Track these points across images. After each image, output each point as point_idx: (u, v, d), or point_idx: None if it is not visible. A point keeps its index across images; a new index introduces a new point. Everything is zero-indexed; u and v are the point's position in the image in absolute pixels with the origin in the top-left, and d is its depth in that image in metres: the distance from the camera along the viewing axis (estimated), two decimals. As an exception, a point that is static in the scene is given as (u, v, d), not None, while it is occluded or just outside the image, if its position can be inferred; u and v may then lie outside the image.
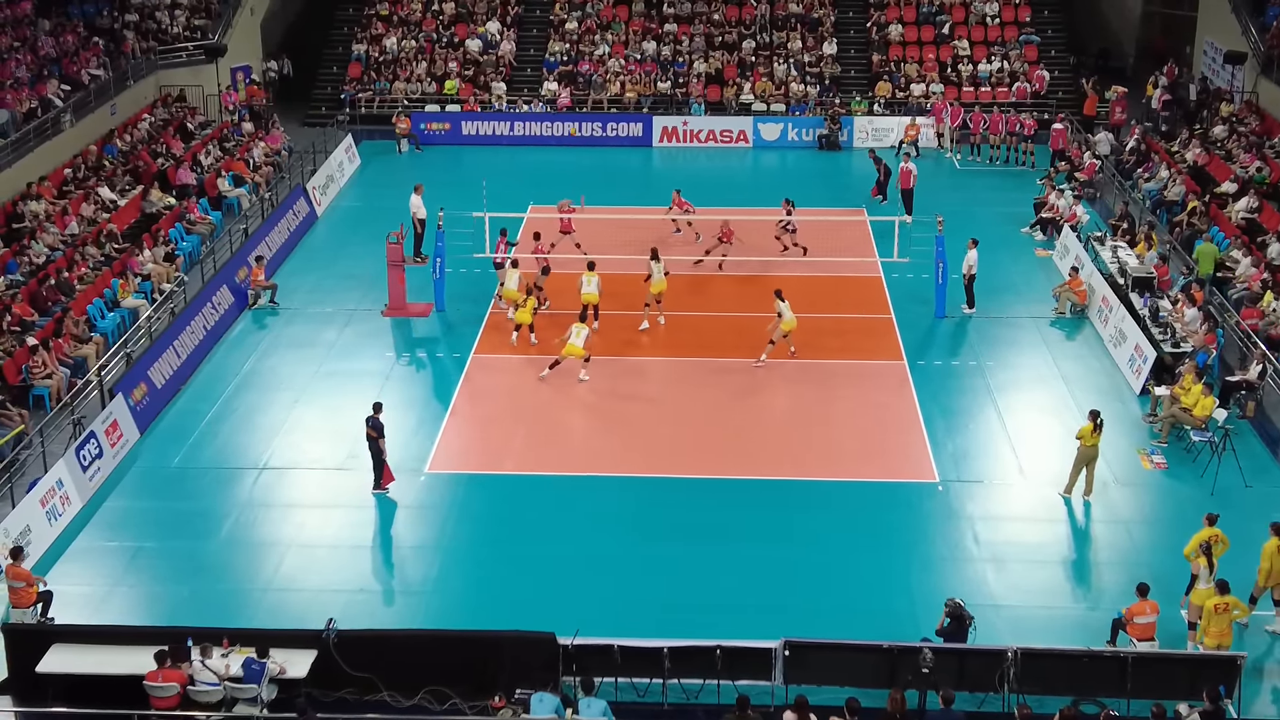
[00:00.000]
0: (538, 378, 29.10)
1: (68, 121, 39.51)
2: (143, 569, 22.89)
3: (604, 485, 25.33)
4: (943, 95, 48.70)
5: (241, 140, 44.42)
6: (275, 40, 53.70)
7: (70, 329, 29.61)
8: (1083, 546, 23.70)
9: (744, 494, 24.98)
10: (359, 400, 26.97)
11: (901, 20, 51.84)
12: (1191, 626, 20.18)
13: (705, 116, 48.43)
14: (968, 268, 32.42)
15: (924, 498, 24.86)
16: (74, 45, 43.46)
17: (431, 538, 23.81)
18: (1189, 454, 25.96)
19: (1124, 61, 55.15)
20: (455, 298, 33.38)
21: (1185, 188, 38.42)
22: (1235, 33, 45.13)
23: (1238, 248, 33.16)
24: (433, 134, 47.93)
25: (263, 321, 32.79)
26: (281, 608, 21.66)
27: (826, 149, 47.35)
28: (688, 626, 20.15)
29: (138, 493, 25.26)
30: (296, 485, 25.59)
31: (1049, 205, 38.33)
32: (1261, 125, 41.47)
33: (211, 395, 28.96)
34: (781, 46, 51.24)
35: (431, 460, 26.18)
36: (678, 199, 36.57)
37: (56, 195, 36.22)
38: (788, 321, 29.22)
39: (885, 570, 22.62)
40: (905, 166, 39.06)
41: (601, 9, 52.71)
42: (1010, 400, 28.66)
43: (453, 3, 52.78)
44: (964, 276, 32.48)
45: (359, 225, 39.29)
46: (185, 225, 37.08)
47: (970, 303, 32.67)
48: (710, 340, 31.14)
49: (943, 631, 19.68)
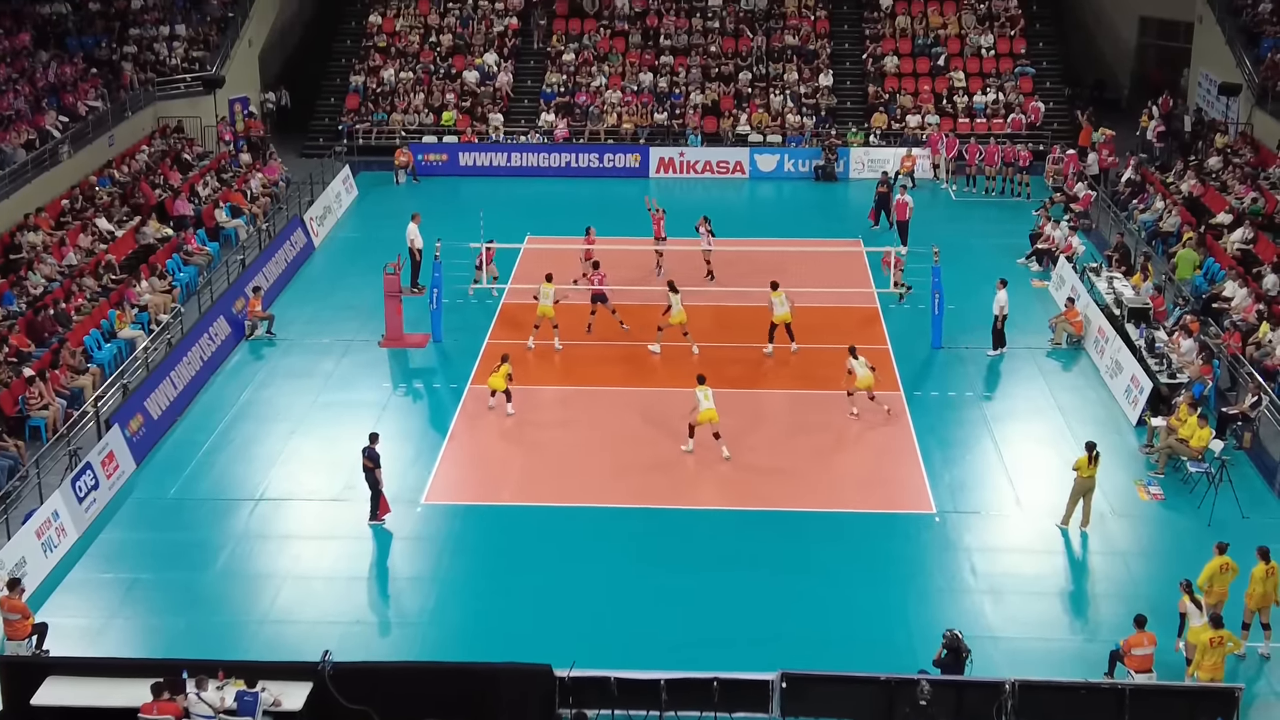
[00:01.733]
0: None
1: (66, 153, 39.62)
2: (139, 601, 22.83)
3: (600, 516, 25.29)
4: (938, 127, 48.88)
5: (239, 171, 44.53)
6: (273, 71, 53.89)
7: (67, 360, 29.61)
8: (1080, 578, 23.67)
9: (741, 525, 24.95)
10: (356, 431, 26.95)
11: (897, 52, 52.06)
12: (1190, 661, 20.17)
13: (702, 148, 48.60)
14: (999, 308, 31.96)
15: (921, 529, 24.83)
16: (72, 77, 43.62)
17: (428, 569, 23.77)
18: (1186, 485, 25.95)
19: (1119, 93, 55.44)
20: (452, 328, 33.41)
21: (1181, 219, 38.53)
22: (1230, 64, 45.35)
23: (1233, 278, 33.23)
24: (430, 165, 48.05)
25: (260, 352, 32.80)
26: (278, 640, 21.61)
27: (823, 180, 47.50)
28: (685, 658, 20.09)
29: (134, 524, 25.21)
30: (293, 516, 25.55)
31: (1045, 236, 38.43)
32: (1256, 156, 41.62)
33: (208, 426, 28.94)
34: (778, 78, 51.44)
35: (428, 491, 26.16)
36: (702, 225, 36.69)
37: (54, 226, 36.28)
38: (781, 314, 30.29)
39: (882, 601, 22.58)
40: (902, 199, 39.17)
41: (599, 41, 52.93)
42: (1007, 431, 28.67)
43: (450, 35, 53.01)
44: (995, 318, 32.10)
45: (356, 256, 39.35)
46: (183, 256, 37.14)
47: (998, 344, 32.22)
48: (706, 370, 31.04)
49: (940, 663, 19.64)
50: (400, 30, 53.36)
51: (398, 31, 53.30)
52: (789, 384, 30.46)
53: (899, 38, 52.73)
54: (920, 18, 53.41)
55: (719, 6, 54.04)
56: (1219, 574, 21.08)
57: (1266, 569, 20.80)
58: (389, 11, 54.10)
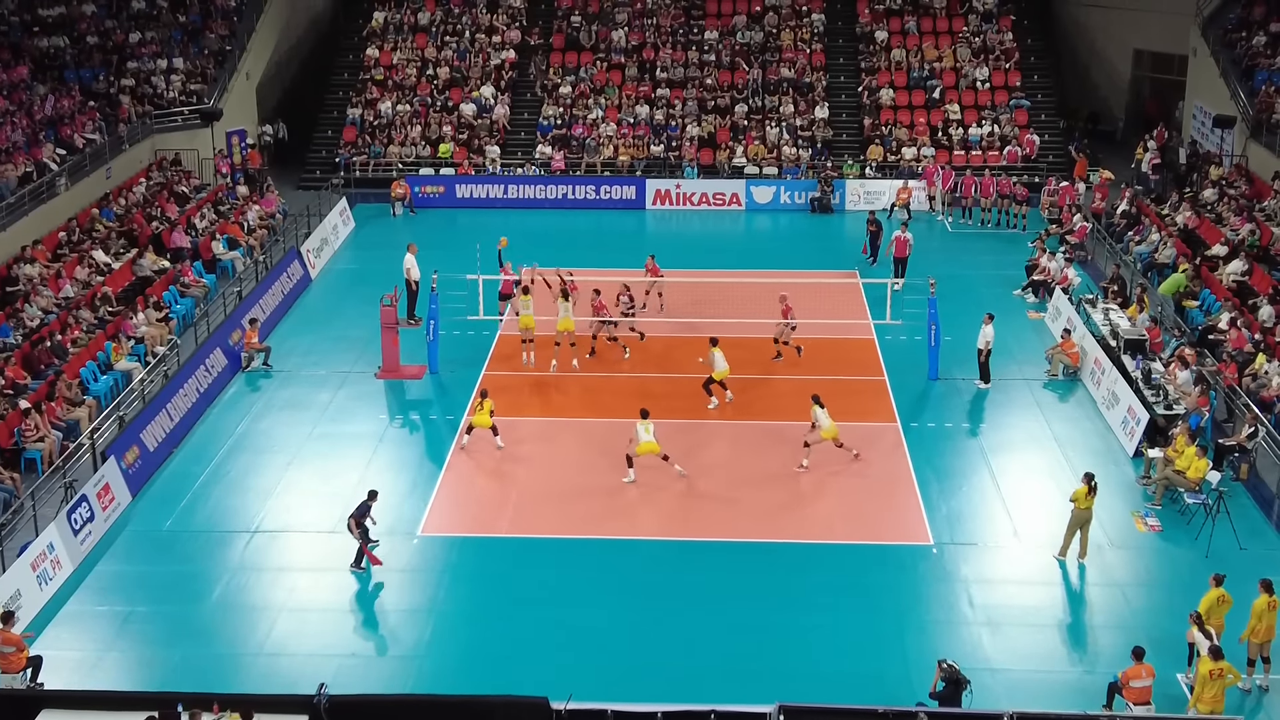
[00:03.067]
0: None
1: (63, 185, 39.68)
2: (134, 633, 22.74)
3: (596, 548, 25.24)
4: (934, 159, 49.02)
5: (236, 203, 44.59)
6: (271, 104, 54.06)
7: (63, 392, 29.58)
8: (1078, 609, 23.62)
9: (737, 557, 24.89)
10: (353, 463, 26.94)
11: (893, 85, 52.26)
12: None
13: (698, 180, 48.68)
14: (986, 343, 32.06)
15: (918, 560, 24.79)
16: (70, 110, 43.72)
17: (424, 601, 23.69)
18: (1183, 516, 25.93)
19: (1114, 125, 55.65)
20: (449, 360, 33.42)
21: (1176, 250, 38.60)
22: (1224, 97, 45.53)
23: (1228, 310, 33.26)
24: (427, 197, 48.13)
25: (256, 384, 32.78)
26: (273, 672, 21.52)
27: (819, 212, 47.60)
28: (682, 690, 20.03)
29: (129, 556, 25.14)
30: (289, 549, 25.48)
31: (1041, 268, 38.50)
32: (1251, 188, 41.74)
33: (204, 458, 28.89)
34: (774, 110, 51.61)
35: (424, 523, 26.11)
36: (651, 264, 36.69)
37: (51, 258, 36.30)
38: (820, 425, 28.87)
39: (880, 633, 22.52)
40: (902, 235, 39.00)
41: (595, 73, 53.11)
42: (1004, 462, 28.66)
43: (447, 67, 53.19)
44: (979, 352, 32.21)
45: (353, 288, 39.37)
46: (179, 288, 37.15)
47: (985, 378, 32.25)
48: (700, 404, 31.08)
49: (938, 695, 19.57)
50: (397, 63, 53.55)
51: (395, 65, 53.48)
52: (788, 415, 30.41)
53: (894, 70, 52.94)
54: (915, 51, 53.63)
55: (715, 40, 54.29)
56: (1216, 605, 21.03)
57: (1269, 602, 20.71)
58: (386, 45, 54.32)
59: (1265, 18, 47.11)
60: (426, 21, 55.15)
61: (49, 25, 48.81)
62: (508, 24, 55.08)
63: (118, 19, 50.70)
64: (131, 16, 51.00)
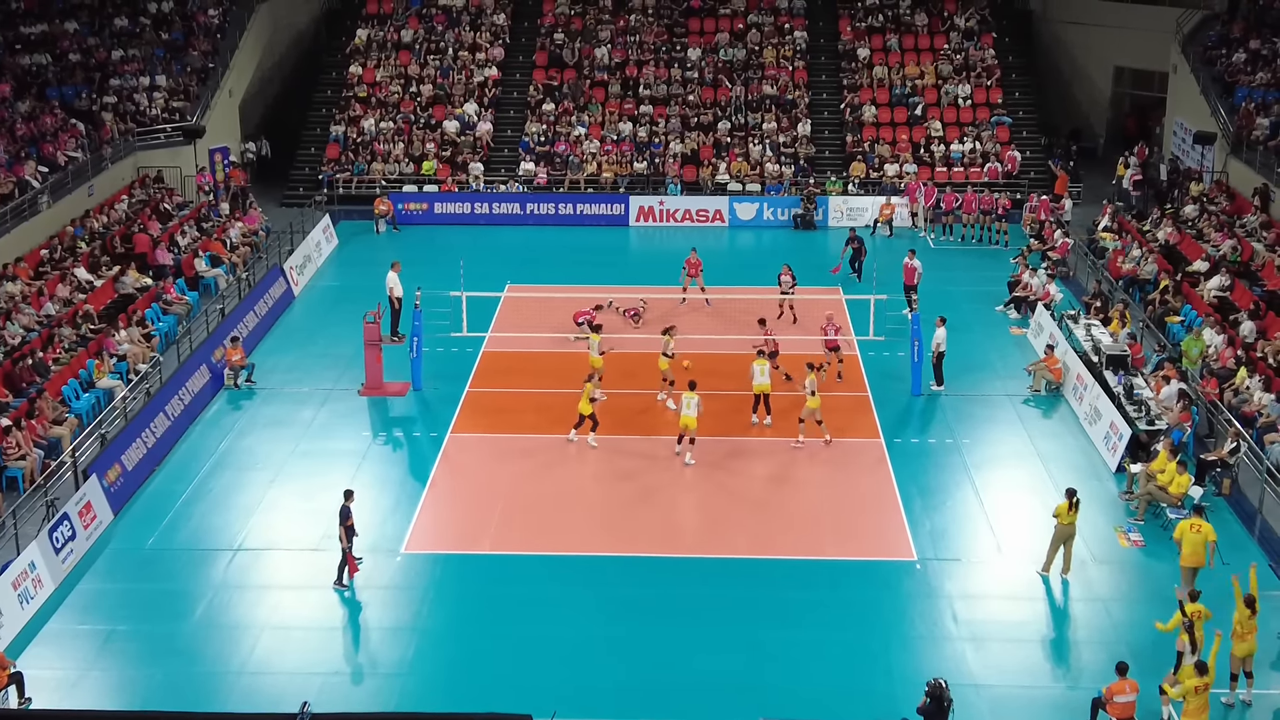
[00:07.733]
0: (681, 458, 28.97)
1: (45, 203, 39.59)
2: (116, 652, 22.63)
3: (580, 565, 25.21)
4: (916, 175, 49.19)
5: (219, 221, 44.53)
6: (254, 121, 54.03)
7: (45, 410, 29.49)
8: (1061, 625, 23.66)
9: (722, 573, 24.87)
10: (336, 480, 26.85)
11: (875, 102, 52.44)
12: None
13: (682, 196, 48.77)
14: (936, 345, 32.62)
15: (902, 576, 24.81)
16: (52, 127, 43.63)
17: (407, 619, 23.63)
18: (1166, 531, 25.96)
19: (1095, 142, 55.95)
20: (432, 377, 33.39)
21: (1158, 266, 38.77)
22: (1205, 113, 45.79)
23: (1210, 325, 33.39)
24: (410, 214, 48.13)
25: (239, 401, 32.70)
26: (256, 691, 21.43)
27: (802, 228, 47.71)
28: (666, 707, 20.03)
29: (111, 575, 25.03)
30: (272, 566, 25.40)
31: (1023, 284, 38.62)
32: (1232, 205, 41.97)
33: (186, 476, 28.80)
34: (757, 127, 51.74)
35: (408, 540, 26.05)
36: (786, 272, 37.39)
37: (33, 276, 36.21)
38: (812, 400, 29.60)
39: (863, 649, 22.53)
40: (910, 263, 38.31)
41: (581, 91, 53.16)
42: (987, 478, 28.71)
43: (430, 85, 53.24)
44: (933, 354, 32.68)
45: (336, 305, 39.33)
46: (162, 305, 37.07)
47: (939, 380, 32.84)
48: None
49: (923, 711, 19.56)
50: (381, 80, 53.56)
51: (378, 82, 53.50)
52: (772, 431, 30.42)
53: (876, 88, 53.12)
54: (897, 68, 53.84)
55: (698, 57, 54.43)
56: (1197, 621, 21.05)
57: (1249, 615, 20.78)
58: (369, 62, 54.34)
59: (1245, 34, 47.48)
60: (410, 39, 55.20)
61: (31, 43, 48.68)
62: (491, 41, 55.17)
63: (100, 36, 50.60)
64: (114, 34, 50.92)
